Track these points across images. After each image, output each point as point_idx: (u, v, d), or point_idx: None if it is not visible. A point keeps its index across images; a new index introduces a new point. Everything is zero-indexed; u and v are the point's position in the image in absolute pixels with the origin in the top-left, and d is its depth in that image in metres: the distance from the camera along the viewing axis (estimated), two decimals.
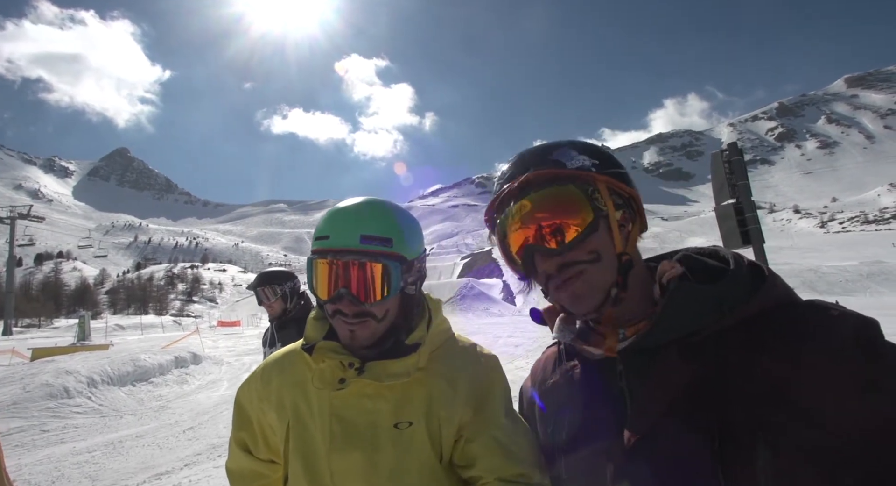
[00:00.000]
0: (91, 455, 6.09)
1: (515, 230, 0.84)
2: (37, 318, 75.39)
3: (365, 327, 0.99)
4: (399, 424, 1.00)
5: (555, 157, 0.85)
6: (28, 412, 7.88)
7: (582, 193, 0.81)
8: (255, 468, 1.16)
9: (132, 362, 10.50)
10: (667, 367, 0.75)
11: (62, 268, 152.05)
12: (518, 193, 0.84)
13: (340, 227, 0.99)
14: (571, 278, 0.80)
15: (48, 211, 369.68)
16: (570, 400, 0.90)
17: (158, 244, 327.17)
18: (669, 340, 0.76)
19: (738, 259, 0.82)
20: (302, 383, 1.07)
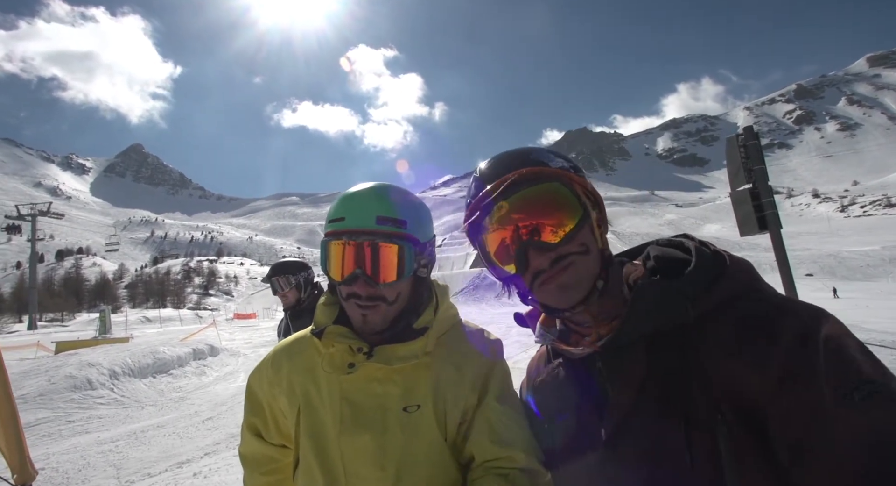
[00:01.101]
0: (115, 445, 6.25)
1: (507, 227, 0.85)
2: (59, 313, 77.20)
3: (377, 311, 1.00)
4: (408, 407, 1.01)
5: (536, 157, 0.87)
6: (54, 403, 8.11)
7: (569, 190, 0.84)
8: (267, 452, 1.18)
9: (152, 355, 10.73)
10: (634, 363, 0.78)
11: (82, 263, 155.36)
12: (508, 191, 0.84)
13: (356, 208, 1.00)
14: (561, 270, 0.82)
15: (67, 208, 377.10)
16: (556, 398, 0.93)
17: (174, 239, 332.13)
18: (639, 336, 0.79)
19: (700, 251, 0.82)
20: (312, 368, 1.08)
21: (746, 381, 0.68)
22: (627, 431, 0.78)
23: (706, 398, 0.71)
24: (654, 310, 0.78)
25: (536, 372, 1.04)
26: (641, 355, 0.78)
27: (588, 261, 0.83)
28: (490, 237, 0.87)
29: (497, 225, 0.86)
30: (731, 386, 0.70)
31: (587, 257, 0.83)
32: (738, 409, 0.69)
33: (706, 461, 0.69)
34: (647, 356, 0.77)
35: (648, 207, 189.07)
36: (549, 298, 0.84)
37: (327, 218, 1.03)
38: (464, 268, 45.35)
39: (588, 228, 0.84)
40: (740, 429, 0.68)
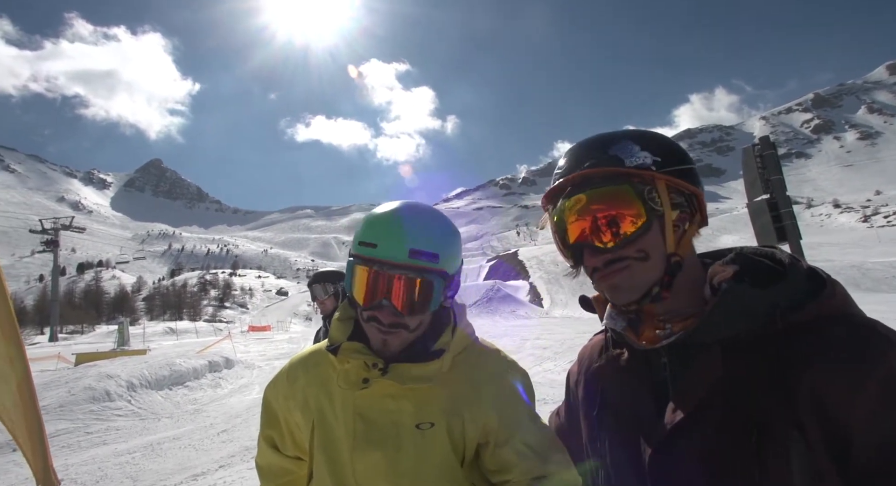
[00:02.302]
0: (131, 456, 6.31)
1: (569, 223, 0.86)
2: (80, 324, 78.60)
3: (398, 336, 1.01)
4: (421, 424, 1.01)
5: (613, 152, 0.85)
6: (73, 414, 8.23)
7: (636, 193, 0.81)
8: (283, 464, 1.19)
9: (168, 367, 10.85)
10: (708, 363, 0.76)
11: (102, 276, 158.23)
12: (573, 188, 0.85)
13: (389, 238, 0.97)
14: (614, 272, 0.82)
15: (88, 222, 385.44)
16: (615, 385, 0.92)
17: (191, 252, 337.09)
18: (715, 338, 0.77)
19: (794, 263, 0.80)
20: (326, 382, 1.09)
21: (838, 403, 0.66)
22: (688, 431, 0.76)
23: (785, 413, 0.69)
24: (737, 315, 0.76)
25: (591, 359, 1.03)
26: (717, 356, 0.76)
27: (646, 267, 0.81)
28: (555, 227, 0.89)
29: (561, 218, 0.87)
30: (818, 405, 0.67)
31: (645, 263, 0.81)
32: (821, 429, 0.66)
33: (776, 477, 0.67)
34: (724, 359, 0.75)
35: None
36: (606, 293, 0.87)
37: (357, 237, 1.01)
38: (477, 280, 45.18)
39: (655, 233, 0.82)
40: (819, 450, 0.66)
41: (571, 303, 31.35)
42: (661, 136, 0.89)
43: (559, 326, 17.42)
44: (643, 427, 0.83)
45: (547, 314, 28.02)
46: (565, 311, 29.47)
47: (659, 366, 0.85)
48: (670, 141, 0.89)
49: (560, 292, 34.28)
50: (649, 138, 0.87)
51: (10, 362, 1.35)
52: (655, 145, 0.86)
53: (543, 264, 41.40)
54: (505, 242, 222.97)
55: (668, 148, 0.86)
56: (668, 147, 0.87)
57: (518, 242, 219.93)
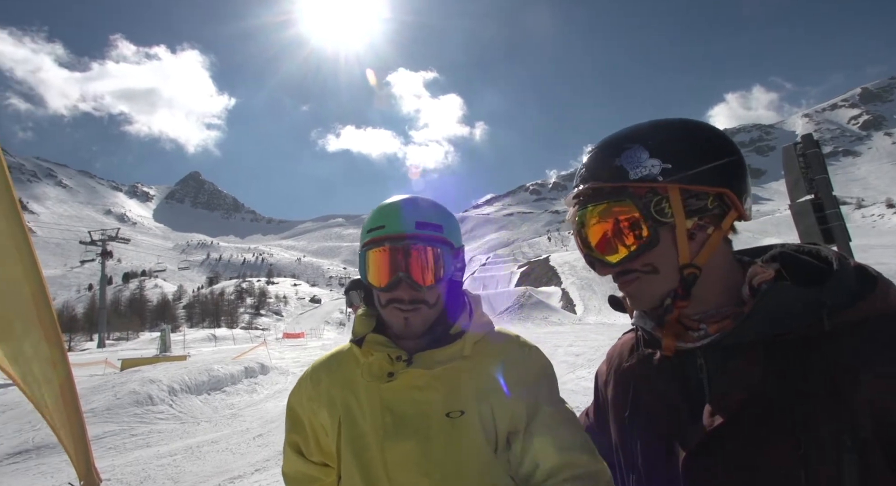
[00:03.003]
0: (172, 459, 6.50)
1: (580, 235, 0.87)
2: (125, 331, 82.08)
3: (418, 313, 1.03)
4: (451, 413, 1.01)
5: (620, 162, 0.82)
6: (119, 417, 8.55)
7: (640, 208, 0.79)
8: (309, 471, 1.19)
9: (207, 372, 11.16)
10: (749, 364, 0.74)
11: (145, 285, 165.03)
12: (584, 199, 0.87)
13: (396, 216, 1.04)
14: (626, 281, 0.83)
15: (133, 233, 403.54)
16: (647, 386, 0.89)
17: (228, 261, 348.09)
18: (756, 339, 0.74)
19: (842, 261, 0.76)
20: (350, 380, 1.10)
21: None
22: (727, 436, 0.73)
23: (836, 417, 0.65)
24: (780, 314, 0.72)
25: (622, 358, 1.00)
26: (759, 358, 0.73)
27: (655, 280, 0.80)
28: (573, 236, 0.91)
29: (577, 228, 0.88)
30: (880, 411, 0.64)
31: (654, 276, 0.80)
32: (881, 436, 0.63)
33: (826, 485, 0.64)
34: (767, 360, 0.72)
35: None
36: (626, 298, 0.87)
37: (365, 228, 1.07)
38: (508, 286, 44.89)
39: (663, 247, 0.79)
40: (877, 458, 0.63)
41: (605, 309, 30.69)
42: (679, 132, 0.83)
43: (593, 332, 17.08)
44: (677, 430, 0.80)
45: (580, 321, 27.55)
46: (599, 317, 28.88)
47: (694, 367, 0.82)
48: (692, 136, 0.82)
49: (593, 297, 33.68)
50: (663, 140, 0.81)
51: (54, 366, 1.41)
52: (668, 149, 0.80)
53: (576, 269, 40.78)
54: (536, 247, 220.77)
55: (683, 150, 0.80)
56: (684, 148, 0.80)
57: (549, 247, 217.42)
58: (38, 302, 1.41)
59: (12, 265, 1.38)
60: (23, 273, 1.39)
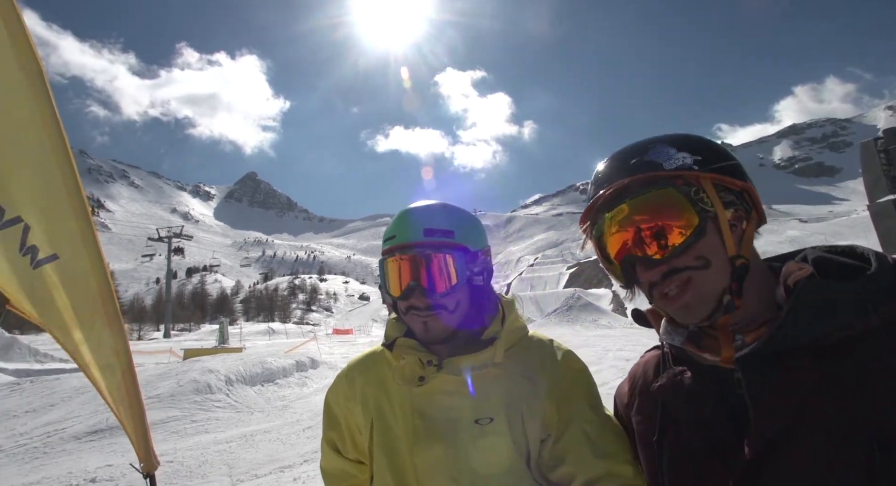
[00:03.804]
0: (228, 445, 6.83)
1: (613, 236, 0.79)
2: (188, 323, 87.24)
3: (438, 319, 1.01)
4: (480, 420, 0.99)
5: (650, 157, 0.79)
6: (181, 403, 9.08)
7: (683, 195, 0.75)
8: (345, 467, 1.21)
9: (261, 365, 11.64)
10: (798, 372, 0.68)
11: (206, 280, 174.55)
12: (613, 199, 0.79)
13: (405, 225, 1.05)
14: (680, 289, 0.75)
15: (196, 230, 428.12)
16: (679, 406, 0.82)
17: (282, 258, 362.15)
18: (798, 344, 0.68)
19: (881, 257, 0.72)
20: (383, 381, 1.10)
21: None
22: (782, 454, 0.67)
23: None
24: (822, 313, 0.67)
25: (647, 377, 0.92)
26: (806, 364, 0.67)
27: (709, 276, 0.74)
28: (598, 246, 0.84)
29: (605, 233, 0.81)
30: None
31: (708, 270, 0.74)
32: None
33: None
34: (814, 366, 0.67)
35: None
36: (673, 313, 0.79)
37: (383, 238, 1.08)
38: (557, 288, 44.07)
39: (711, 236, 0.74)
40: None
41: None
42: (695, 136, 0.83)
43: (644, 336, 16.47)
44: (721, 453, 0.73)
45: (631, 324, 26.65)
46: None
47: (732, 382, 0.74)
48: (707, 139, 0.83)
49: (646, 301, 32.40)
50: (684, 139, 0.81)
51: (117, 355, 1.51)
52: (693, 145, 0.79)
53: None
54: (588, 249, 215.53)
55: (706, 146, 0.81)
56: (707, 145, 0.81)
57: None
58: (103, 295, 1.51)
59: (81, 261, 1.48)
60: (90, 268, 1.49)
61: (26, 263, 1.47)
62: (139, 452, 1.54)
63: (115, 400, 1.51)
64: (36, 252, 1.51)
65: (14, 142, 1.54)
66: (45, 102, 1.58)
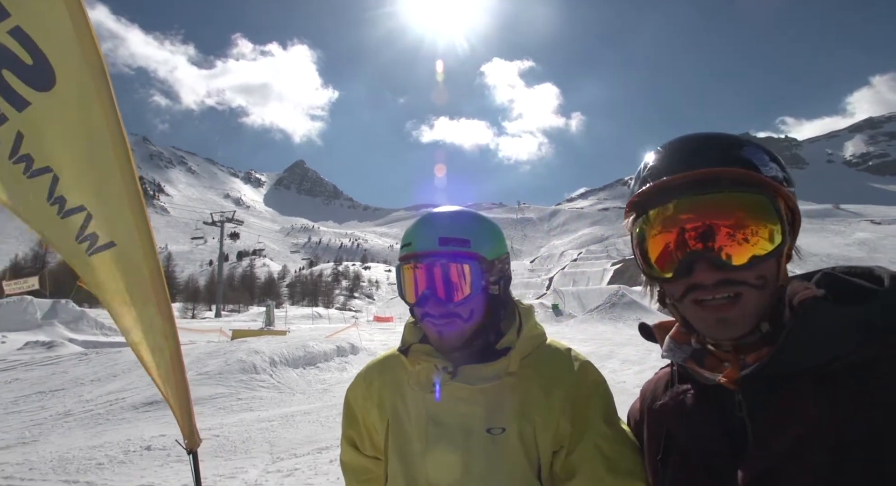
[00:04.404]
0: (270, 424, 7.14)
1: (688, 221, 0.71)
2: (237, 304, 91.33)
3: (452, 326, 1.01)
4: (492, 429, 1.00)
5: (746, 155, 0.73)
6: (228, 381, 9.55)
7: (774, 208, 0.70)
8: (363, 463, 1.24)
9: (303, 348, 12.05)
10: (799, 398, 0.65)
11: (255, 263, 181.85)
12: (706, 183, 0.71)
13: (420, 233, 1.05)
14: (729, 302, 0.70)
15: (246, 216, 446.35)
16: (680, 427, 0.80)
17: (327, 245, 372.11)
18: (801, 368, 0.65)
19: (894, 277, 0.68)
20: (400, 385, 1.12)
21: None
22: (779, 481, 0.64)
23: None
24: (825, 338, 0.64)
25: (655, 395, 0.90)
26: (809, 390, 0.64)
27: (760, 297, 0.70)
28: (658, 231, 0.75)
29: (674, 221, 0.73)
30: None
31: (761, 292, 0.70)
32: None
33: None
34: (817, 393, 0.63)
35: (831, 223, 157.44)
36: (702, 323, 0.73)
37: (400, 244, 1.09)
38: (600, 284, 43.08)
39: (776, 259, 0.71)
40: None
41: None
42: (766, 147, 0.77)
43: None
44: (718, 477, 0.71)
45: None
46: None
47: (734, 404, 0.72)
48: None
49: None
50: (769, 150, 0.75)
51: (165, 337, 1.61)
52: (778, 159, 0.74)
53: None
54: None
55: (784, 163, 0.75)
56: (785, 165, 0.75)
57: None
58: (155, 282, 1.61)
59: (135, 249, 1.59)
60: (143, 256, 1.60)
61: (82, 250, 1.60)
62: (183, 429, 1.64)
63: (163, 380, 1.62)
64: (95, 239, 1.63)
65: (77, 136, 1.66)
66: (107, 97, 1.68)
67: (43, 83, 1.68)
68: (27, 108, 1.69)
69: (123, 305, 1.60)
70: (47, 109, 1.67)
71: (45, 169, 1.64)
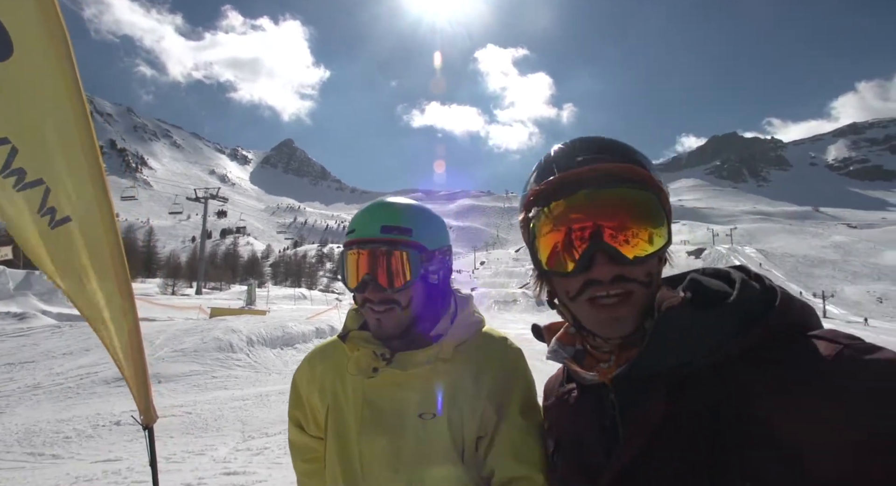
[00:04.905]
0: (244, 403, 7.16)
1: (591, 214, 0.71)
2: (219, 282, 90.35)
3: (391, 314, 1.04)
4: (423, 414, 1.04)
5: (639, 158, 0.76)
6: (203, 359, 9.53)
7: (663, 209, 0.73)
8: (307, 442, 1.28)
9: (281, 329, 12.05)
10: (653, 401, 0.67)
11: (238, 242, 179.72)
12: (608, 178, 0.72)
13: (364, 220, 1.08)
14: (619, 300, 0.71)
15: (231, 193, 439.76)
16: (563, 424, 0.85)
17: (312, 226, 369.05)
18: (658, 371, 0.68)
19: (745, 283, 0.70)
20: (341, 370, 1.16)
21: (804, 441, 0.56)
22: (633, 480, 0.68)
23: (740, 458, 0.59)
24: (678, 344, 0.67)
25: (548, 394, 0.98)
26: (662, 394, 0.67)
27: (646, 295, 0.73)
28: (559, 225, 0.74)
29: (578, 213, 0.72)
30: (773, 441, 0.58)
31: (647, 290, 0.72)
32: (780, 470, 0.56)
33: None
34: (668, 397, 0.66)
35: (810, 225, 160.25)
36: (595, 322, 0.74)
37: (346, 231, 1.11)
38: None
39: (659, 259, 0.73)
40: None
41: None
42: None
43: None
44: (590, 474, 0.73)
45: None
46: None
47: (609, 404, 0.75)
48: None
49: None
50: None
51: (124, 314, 1.61)
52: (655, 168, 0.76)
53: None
54: None
55: None
56: None
57: None
58: (114, 258, 1.61)
59: (94, 225, 1.58)
60: (103, 232, 1.59)
61: (45, 223, 1.58)
62: (139, 405, 1.65)
63: (121, 356, 1.63)
64: (55, 213, 1.61)
65: (37, 107, 1.63)
66: (69, 68, 1.65)
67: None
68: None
69: (82, 280, 1.59)
70: (4, 79, 1.63)
71: (2, 140, 1.61)
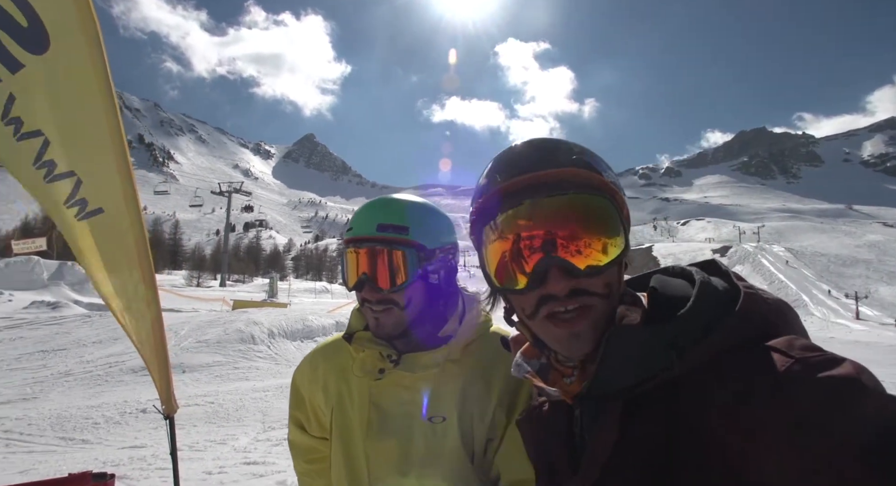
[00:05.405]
0: (264, 394, 7.29)
1: (539, 225, 0.66)
2: (242, 275, 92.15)
3: (389, 314, 1.02)
4: (433, 418, 1.02)
5: (588, 159, 0.69)
6: (226, 350, 9.73)
7: (618, 213, 0.67)
8: (310, 443, 1.26)
9: (302, 322, 12.21)
10: (609, 421, 0.64)
11: (261, 235, 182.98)
12: (553, 185, 0.66)
13: (361, 218, 1.06)
14: (578, 314, 0.65)
15: (254, 187, 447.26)
16: (534, 439, 0.83)
17: (333, 220, 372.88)
18: (615, 390, 0.64)
19: (706, 287, 0.65)
20: (345, 370, 1.13)
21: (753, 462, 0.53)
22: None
23: (694, 477, 0.57)
24: (628, 364, 0.62)
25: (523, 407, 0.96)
26: (615, 417, 0.63)
27: (606, 308, 0.67)
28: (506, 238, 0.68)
29: (524, 225, 0.67)
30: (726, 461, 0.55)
31: (606, 302, 0.67)
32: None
33: None
34: (622, 417, 0.63)
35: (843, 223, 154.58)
36: (555, 339, 0.68)
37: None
38: None
39: (619, 267, 0.68)
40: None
41: None
42: None
43: None
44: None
45: None
46: None
47: (575, 420, 0.73)
48: None
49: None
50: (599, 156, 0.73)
51: (147, 305, 1.64)
52: (610, 167, 0.71)
53: (681, 263, 37.91)
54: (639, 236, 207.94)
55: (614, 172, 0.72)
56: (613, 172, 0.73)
57: (654, 237, 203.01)
58: (139, 248, 1.64)
59: (122, 217, 1.61)
60: (129, 224, 1.62)
61: (71, 214, 1.62)
62: (161, 395, 1.69)
63: (143, 346, 1.66)
64: (85, 205, 1.65)
65: (69, 101, 1.67)
66: (100, 64, 1.68)
67: (37, 46, 1.68)
68: (21, 70, 1.69)
69: (108, 271, 1.63)
70: (40, 72, 1.68)
71: (35, 132, 1.65)
